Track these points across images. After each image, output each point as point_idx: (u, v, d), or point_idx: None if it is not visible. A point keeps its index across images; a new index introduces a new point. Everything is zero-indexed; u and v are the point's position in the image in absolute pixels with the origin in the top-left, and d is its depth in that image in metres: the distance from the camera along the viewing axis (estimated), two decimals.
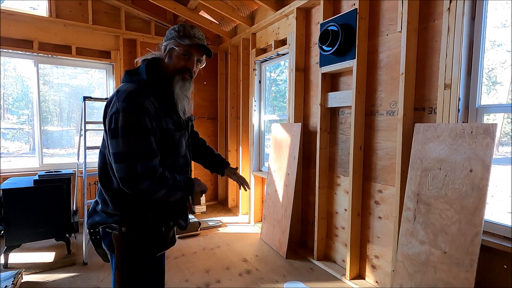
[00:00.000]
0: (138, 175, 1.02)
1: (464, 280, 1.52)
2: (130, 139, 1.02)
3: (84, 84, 4.26)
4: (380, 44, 2.24)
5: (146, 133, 1.05)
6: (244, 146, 4.03)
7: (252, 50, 3.72)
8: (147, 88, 1.11)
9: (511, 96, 2.51)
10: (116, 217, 1.17)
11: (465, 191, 1.59)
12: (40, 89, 3.60)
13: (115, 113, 1.05)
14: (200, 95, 4.54)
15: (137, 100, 1.05)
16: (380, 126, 2.26)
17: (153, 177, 1.05)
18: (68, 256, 2.79)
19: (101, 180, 1.17)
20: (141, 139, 1.04)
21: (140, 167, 1.02)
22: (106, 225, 1.19)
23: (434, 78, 1.89)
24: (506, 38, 1.91)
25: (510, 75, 2.42)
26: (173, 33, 1.17)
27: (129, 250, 1.19)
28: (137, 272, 1.24)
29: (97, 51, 3.78)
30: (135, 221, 1.18)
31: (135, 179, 1.02)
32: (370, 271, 2.37)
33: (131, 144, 1.02)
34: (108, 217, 1.18)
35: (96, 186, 3.71)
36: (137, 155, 1.03)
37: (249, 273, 2.56)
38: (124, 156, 1.02)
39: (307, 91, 3.01)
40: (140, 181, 1.03)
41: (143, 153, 1.04)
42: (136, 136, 1.03)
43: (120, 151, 1.03)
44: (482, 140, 1.56)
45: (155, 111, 1.09)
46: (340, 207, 2.66)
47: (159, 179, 1.07)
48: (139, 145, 1.03)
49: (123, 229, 1.16)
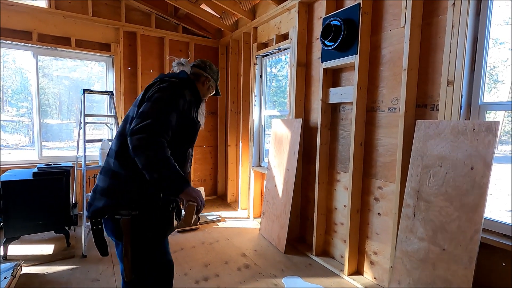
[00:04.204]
0: (140, 129, 1.11)
1: (463, 277, 1.52)
2: (157, 105, 1.18)
3: (84, 77, 4.22)
4: (383, 40, 2.21)
5: (174, 107, 1.22)
6: (244, 141, 4.02)
7: (253, 44, 3.69)
8: (187, 84, 1.37)
9: None
10: (127, 196, 1.22)
11: (466, 188, 1.59)
12: (40, 81, 3.58)
13: (157, 89, 1.23)
14: None
15: (177, 85, 1.29)
16: (381, 122, 2.25)
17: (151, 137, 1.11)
18: (67, 248, 2.80)
19: (119, 157, 1.25)
20: (166, 109, 1.19)
21: (146, 125, 1.12)
22: (113, 209, 1.21)
23: (436, 74, 1.88)
24: (508, 36, 1.89)
25: (511, 73, 2.39)
26: (216, 76, 1.55)
27: (140, 234, 1.24)
28: (148, 257, 1.29)
29: (97, 43, 3.74)
30: (146, 200, 1.23)
31: (136, 131, 1.11)
32: (368, 267, 2.38)
33: (154, 109, 1.17)
34: (117, 198, 1.21)
35: (95, 179, 3.72)
36: (152, 116, 1.14)
37: (247, 268, 2.57)
38: (141, 114, 1.15)
39: (308, 86, 2.99)
40: (138, 133, 1.11)
41: (158, 118, 1.15)
42: (164, 105, 1.19)
43: (143, 110, 1.17)
44: (484, 138, 1.55)
45: (189, 100, 1.32)
46: (339, 203, 2.66)
47: (156, 143, 1.12)
48: (159, 112, 1.17)
49: (133, 213, 1.21)
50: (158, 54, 4.13)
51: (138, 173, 1.19)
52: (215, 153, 4.75)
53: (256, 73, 3.73)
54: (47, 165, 2.90)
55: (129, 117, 1.29)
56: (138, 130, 1.11)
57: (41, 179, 2.69)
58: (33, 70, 3.47)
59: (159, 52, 4.13)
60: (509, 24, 1.87)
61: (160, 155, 1.12)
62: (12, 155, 4.21)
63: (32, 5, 3.32)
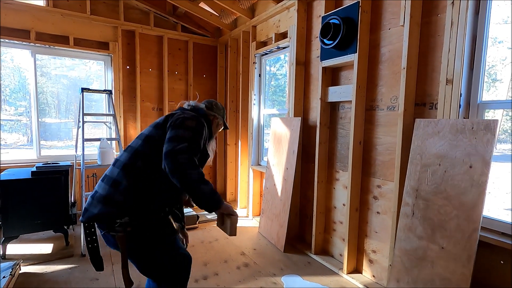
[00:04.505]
0: (181, 150, 1.23)
1: (461, 275, 1.53)
2: (188, 132, 1.32)
3: (83, 76, 4.20)
4: (382, 38, 2.21)
5: (201, 136, 1.37)
6: (243, 140, 4.02)
7: (252, 43, 3.69)
8: (205, 119, 1.54)
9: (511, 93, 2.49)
10: (122, 206, 1.28)
11: (464, 187, 1.59)
12: (38, 80, 3.57)
13: (183, 117, 1.37)
14: (199, 88, 4.51)
15: (200, 118, 1.45)
16: (380, 121, 2.25)
17: (191, 158, 1.24)
18: (66, 247, 2.79)
19: (125, 169, 1.33)
20: (196, 136, 1.34)
21: (185, 147, 1.25)
22: (107, 218, 1.28)
23: (435, 73, 1.88)
24: (507, 35, 1.89)
25: (510, 72, 2.39)
26: (222, 113, 1.70)
27: (141, 245, 1.35)
28: (160, 260, 1.38)
29: (95, 42, 3.73)
30: (140, 211, 1.30)
31: (177, 151, 1.23)
32: (367, 265, 2.38)
33: (187, 134, 1.30)
34: (111, 207, 1.28)
35: (95, 178, 3.72)
36: (188, 140, 1.28)
37: (247, 266, 2.57)
38: (177, 138, 1.27)
39: (307, 85, 2.99)
40: (180, 153, 1.22)
41: (192, 142, 1.30)
42: (194, 133, 1.34)
43: (177, 134, 1.29)
44: (483, 136, 1.55)
45: (207, 132, 1.48)
46: (338, 202, 2.66)
47: (195, 163, 1.25)
48: (192, 138, 1.32)
49: (128, 229, 1.29)
50: (156, 53, 4.12)
51: (137, 186, 1.30)
52: (214, 152, 4.74)
53: (255, 72, 3.72)
54: (45, 164, 2.90)
55: (144, 135, 1.40)
56: (180, 150, 1.23)
57: (39, 178, 2.68)
58: (31, 69, 3.46)
59: (157, 51, 4.12)
60: (508, 23, 1.87)
61: (200, 174, 1.24)
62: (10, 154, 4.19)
63: (30, 4, 3.30)
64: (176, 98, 4.34)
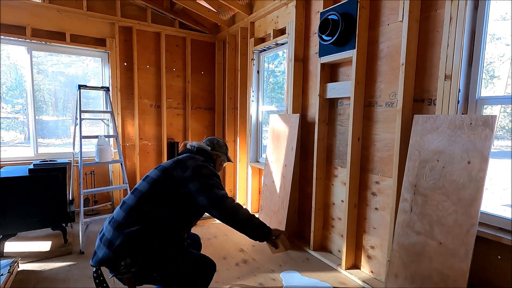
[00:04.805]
0: (223, 196, 1.44)
1: (459, 270, 1.54)
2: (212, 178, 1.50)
3: (80, 73, 4.17)
4: (380, 34, 2.21)
5: (219, 177, 1.57)
6: (242, 137, 4.01)
7: (250, 39, 3.67)
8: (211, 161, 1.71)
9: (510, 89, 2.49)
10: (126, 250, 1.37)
11: (463, 182, 1.59)
12: (35, 78, 3.54)
13: (198, 167, 1.52)
14: (197, 85, 4.49)
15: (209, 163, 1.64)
16: (378, 117, 2.25)
17: (232, 200, 1.47)
18: (64, 245, 2.79)
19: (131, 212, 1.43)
20: (218, 180, 1.54)
21: (222, 193, 1.46)
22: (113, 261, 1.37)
23: (434, 69, 1.87)
24: (506, 31, 1.88)
25: (508, 68, 2.39)
26: (224, 150, 1.83)
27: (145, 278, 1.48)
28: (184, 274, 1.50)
29: (92, 38, 3.70)
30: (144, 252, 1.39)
31: (221, 199, 1.42)
32: (365, 261, 2.40)
33: (212, 181, 1.49)
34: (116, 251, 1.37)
35: (92, 176, 3.70)
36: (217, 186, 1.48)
37: (245, 263, 2.58)
38: (209, 187, 1.45)
39: (305, 81, 2.98)
40: (224, 200, 1.42)
41: (220, 185, 1.51)
42: (215, 177, 1.55)
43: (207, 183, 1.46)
44: (481, 132, 1.55)
45: None
46: (337, 198, 2.67)
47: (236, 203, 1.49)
48: (218, 182, 1.53)
49: (133, 270, 1.38)
50: (154, 49, 4.10)
51: (141, 228, 1.39)
52: None
53: (253, 68, 3.71)
54: (43, 161, 2.88)
55: (151, 178, 1.50)
56: (223, 197, 1.43)
57: (37, 175, 2.67)
58: (27, 66, 3.43)
59: (155, 47, 4.10)
60: (506, 19, 1.87)
61: (246, 212, 1.47)
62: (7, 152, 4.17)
63: (26, 0, 3.27)
64: (174, 95, 4.32)
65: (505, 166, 4.40)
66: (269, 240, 1.55)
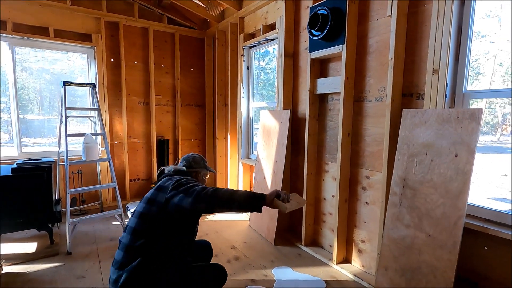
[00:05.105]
0: (202, 187, 1.42)
1: (447, 261, 1.56)
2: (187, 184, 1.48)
3: (66, 71, 4.05)
4: (370, 29, 2.21)
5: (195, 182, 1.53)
6: (233, 134, 3.99)
7: (240, 35, 3.63)
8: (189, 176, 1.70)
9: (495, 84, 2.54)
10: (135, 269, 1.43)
11: (450, 175, 1.62)
12: (19, 76, 3.42)
13: (179, 178, 1.55)
14: (187, 82, 4.43)
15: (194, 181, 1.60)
16: (368, 112, 2.26)
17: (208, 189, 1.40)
18: (51, 246, 2.72)
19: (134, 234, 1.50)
20: (194, 182, 1.52)
21: (197, 187, 1.43)
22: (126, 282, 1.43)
23: (422, 63, 1.89)
24: (491, 29, 1.91)
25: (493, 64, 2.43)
26: (202, 164, 1.82)
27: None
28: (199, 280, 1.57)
29: (77, 34, 3.60)
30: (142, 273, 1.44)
31: (201, 189, 1.40)
32: (356, 255, 2.42)
33: (193, 183, 1.49)
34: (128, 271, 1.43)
35: (80, 175, 3.62)
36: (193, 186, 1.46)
37: (237, 260, 2.56)
38: (185, 190, 1.44)
39: (296, 77, 2.97)
40: (204, 188, 1.40)
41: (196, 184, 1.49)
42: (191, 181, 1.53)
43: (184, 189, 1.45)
44: (468, 125, 1.57)
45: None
46: (327, 193, 2.68)
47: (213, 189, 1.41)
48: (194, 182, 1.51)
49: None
50: (142, 46, 4.02)
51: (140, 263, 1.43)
52: (203, 147, 4.70)
53: (243, 64, 3.68)
54: (26, 161, 2.79)
55: (138, 212, 1.54)
56: (203, 188, 1.40)
57: (20, 175, 2.58)
58: (9, 62, 3.31)
59: (143, 43, 4.02)
60: (491, 17, 1.89)
61: (226, 191, 1.38)
62: None
63: None
64: (163, 92, 4.25)
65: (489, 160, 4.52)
66: (267, 203, 1.38)
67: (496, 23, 1.84)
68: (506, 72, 2.28)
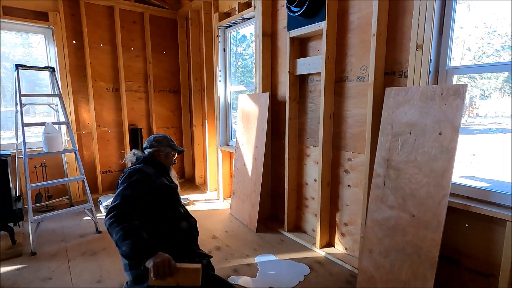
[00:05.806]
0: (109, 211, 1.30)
1: (432, 241, 1.54)
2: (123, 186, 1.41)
3: (29, 59, 3.65)
4: (350, 5, 2.10)
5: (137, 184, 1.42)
6: (210, 120, 3.81)
7: (214, 14, 3.41)
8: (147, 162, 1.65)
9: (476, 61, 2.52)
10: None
11: (434, 154, 1.58)
12: None
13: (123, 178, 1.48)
14: (160, 66, 4.16)
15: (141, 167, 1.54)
16: (350, 93, 2.18)
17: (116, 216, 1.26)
18: (12, 247, 2.48)
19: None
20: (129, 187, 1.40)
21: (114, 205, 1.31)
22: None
23: (405, 40, 1.81)
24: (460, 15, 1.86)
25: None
26: (165, 142, 1.73)
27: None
28: None
29: (32, 12, 3.22)
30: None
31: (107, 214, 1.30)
32: (339, 238, 2.39)
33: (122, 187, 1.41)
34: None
35: (43, 168, 3.32)
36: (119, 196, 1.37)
37: (219, 250, 2.47)
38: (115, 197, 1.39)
39: (274, 59, 2.83)
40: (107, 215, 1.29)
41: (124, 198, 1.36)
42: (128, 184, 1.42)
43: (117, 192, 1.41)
44: (452, 102, 1.53)
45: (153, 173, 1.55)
46: (309, 177, 2.62)
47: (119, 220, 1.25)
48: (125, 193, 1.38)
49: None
50: (108, 26, 3.69)
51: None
52: (180, 135, 4.49)
53: (219, 46, 3.47)
54: None
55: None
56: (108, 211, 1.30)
57: None
58: None
59: (109, 23, 3.69)
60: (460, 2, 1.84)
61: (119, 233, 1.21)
62: None
63: None
64: (134, 77, 3.97)
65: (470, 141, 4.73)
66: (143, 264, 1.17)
67: (465, 8, 1.81)
68: (474, 57, 2.30)
